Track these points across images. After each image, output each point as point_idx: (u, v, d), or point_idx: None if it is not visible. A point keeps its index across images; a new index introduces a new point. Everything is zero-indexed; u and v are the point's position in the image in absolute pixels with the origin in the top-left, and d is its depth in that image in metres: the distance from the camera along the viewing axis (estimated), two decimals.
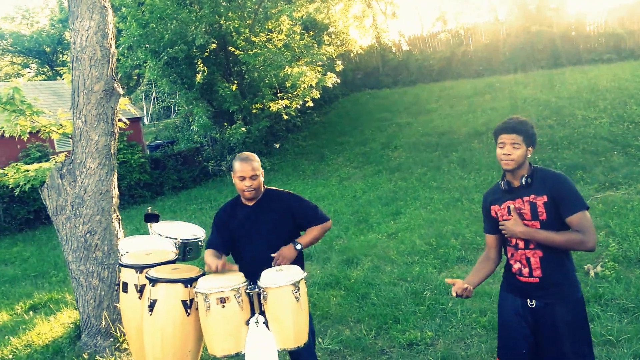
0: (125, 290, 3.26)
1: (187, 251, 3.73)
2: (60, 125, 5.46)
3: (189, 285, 3.00)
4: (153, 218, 3.88)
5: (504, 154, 2.70)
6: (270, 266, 3.06)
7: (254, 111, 15.58)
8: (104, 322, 4.67)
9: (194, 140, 17.80)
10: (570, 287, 2.69)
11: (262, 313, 2.91)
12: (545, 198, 2.64)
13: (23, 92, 5.15)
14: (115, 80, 4.82)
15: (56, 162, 5.24)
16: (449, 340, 4.39)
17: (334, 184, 11.95)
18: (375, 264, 6.54)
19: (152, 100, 26.32)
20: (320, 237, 3.40)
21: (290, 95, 15.57)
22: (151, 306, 2.99)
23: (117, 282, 3.38)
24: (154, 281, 3.01)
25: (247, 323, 2.87)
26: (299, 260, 3.25)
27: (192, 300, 3.00)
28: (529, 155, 2.72)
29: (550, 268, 2.67)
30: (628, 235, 6.07)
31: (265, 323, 2.87)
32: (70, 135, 4.99)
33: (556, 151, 10.21)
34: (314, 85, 14.87)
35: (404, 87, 19.90)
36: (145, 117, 24.70)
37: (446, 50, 20.14)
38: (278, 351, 2.87)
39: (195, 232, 3.96)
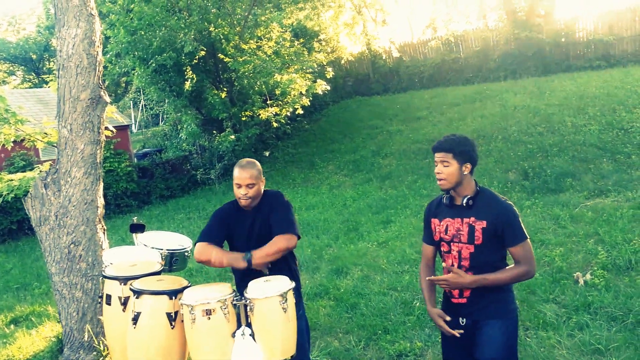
0: (108, 303, 3.19)
1: (173, 262, 3.66)
2: (45, 133, 5.38)
3: (174, 297, 2.94)
4: (139, 228, 3.81)
5: (436, 173, 2.72)
6: (260, 274, 2.99)
7: (243, 119, 15.52)
8: (86, 336, 4.58)
9: (183, 148, 17.69)
10: (499, 307, 2.72)
11: (249, 325, 2.85)
12: (484, 224, 2.64)
13: (7, 101, 5.07)
14: (102, 88, 4.75)
15: (41, 171, 5.16)
16: (438, 350, 4.34)
17: (324, 192, 11.91)
18: (365, 274, 6.49)
19: (140, 108, 26.20)
20: (278, 251, 2.97)
21: (280, 102, 15.54)
22: (135, 319, 2.92)
23: (100, 294, 3.30)
24: (138, 293, 2.95)
25: (234, 335, 2.81)
26: (292, 273, 3.15)
27: (176, 313, 2.93)
28: (466, 172, 2.69)
29: (480, 290, 2.69)
30: (617, 243, 6.06)
31: (252, 335, 2.81)
32: (55, 144, 4.91)
33: (546, 158, 10.23)
34: (304, 92, 14.85)
35: (395, 94, 19.95)
36: (133, 125, 24.57)
37: (436, 57, 20.22)
38: None
39: (182, 242, 3.89)
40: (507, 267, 2.69)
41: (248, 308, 2.82)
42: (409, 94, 19.11)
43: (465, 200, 2.69)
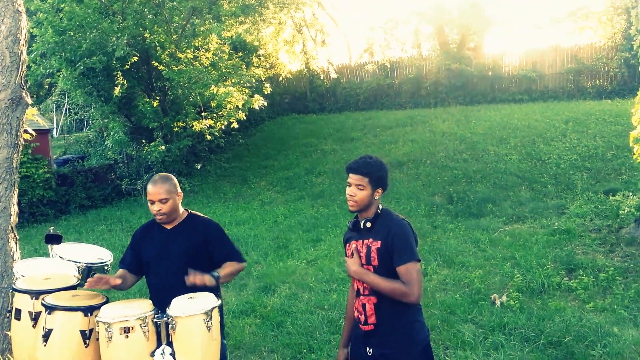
0: (17, 318, 2.98)
1: (90, 276, 3.47)
2: None
3: (89, 314, 2.78)
4: (55, 239, 3.59)
5: (348, 194, 2.70)
6: (176, 294, 2.86)
7: (175, 129, 15.14)
8: None
9: (108, 156, 16.98)
10: (408, 337, 2.61)
11: (170, 344, 2.74)
12: (379, 244, 2.61)
13: None
14: (23, 89, 4.50)
15: None
16: None
17: (256, 208, 11.79)
18: (293, 292, 6.47)
19: (63, 112, 25.00)
20: (234, 275, 3.20)
21: (215, 115, 15.31)
22: (46, 336, 2.74)
23: (9, 308, 3.09)
24: (50, 309, 2.77)
25: (152, 355, 2.70)
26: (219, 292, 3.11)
27: (91, 330, 2.77)
28: (378, 197, 2.69)
29: (385, 316, 2.61)
30: (532, 267, 6.40)
31: (172, 354, 2.70)
32: None
33: (470, 184, 10.66)
34: (240, 106, 14.73)
35: (331, 114, 20.24)
36: (54, 130, 23.36)
37: (372, 81, 20.73)
38: None
39: (102, 255, 3.71)
40: (394, 280, 2.57)
41: (170, 326, 2.72)
42: (344, 115, 19.43)
43: (363, 223, 2.68)
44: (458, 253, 7.25)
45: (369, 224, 2.67)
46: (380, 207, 2.74)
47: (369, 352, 2.65)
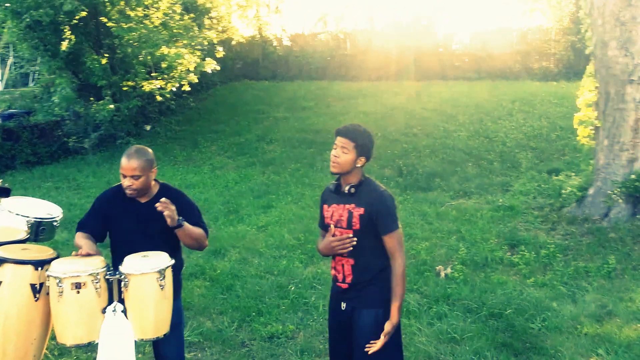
0: None
1: (39, 231, 3.40)
2: None
3: (40, 268, 2.74)
4: (3, 192, 3.50)
5: (333, 155, 2.80)
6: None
7: (124, 88, 14.67)
8: None
9: (55, 113, 16.28)
10: (375, 297, 2.78)
11: (122, 301, 2.75)
12: (362, 210, 2.75)
13: None
14: None
15: None
16: (309, 333, 4.51)
17: (206, 172, 11.67)
18: (242, 256, 6.51)
19: (8, 65, 23.78)
20: (194, 239, 3.03)
21: (165, 76, 14.90)
22: None
23: None
24: (0, 261, 2.72)
25: (104, 311, 2.70)
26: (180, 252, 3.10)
27: (42, 284, 2.74)
28: (360, 165, 2.80)
29: (361, 275, 2.78)
30: (476, 241, 6.62)
31: (124, 312, 2.72)
32: None
33: (419, 158, 10.90)
34: (191, 69, 14.40)
35: (283, 82, 20.05)
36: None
37: (325, 51, 20.61)
38: (136, 341, 2.73)
39: (51, 210, 3.62)
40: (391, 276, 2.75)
41: (122, 284, 2.72)
42: (297, 84, 19.31)
43: (347, 188, 2.80)
44: (406, 225, 7.39)
45: (352, 190, 2.79)
46: (364, 175, 2.87)
47: (343, 307, 2.86)
